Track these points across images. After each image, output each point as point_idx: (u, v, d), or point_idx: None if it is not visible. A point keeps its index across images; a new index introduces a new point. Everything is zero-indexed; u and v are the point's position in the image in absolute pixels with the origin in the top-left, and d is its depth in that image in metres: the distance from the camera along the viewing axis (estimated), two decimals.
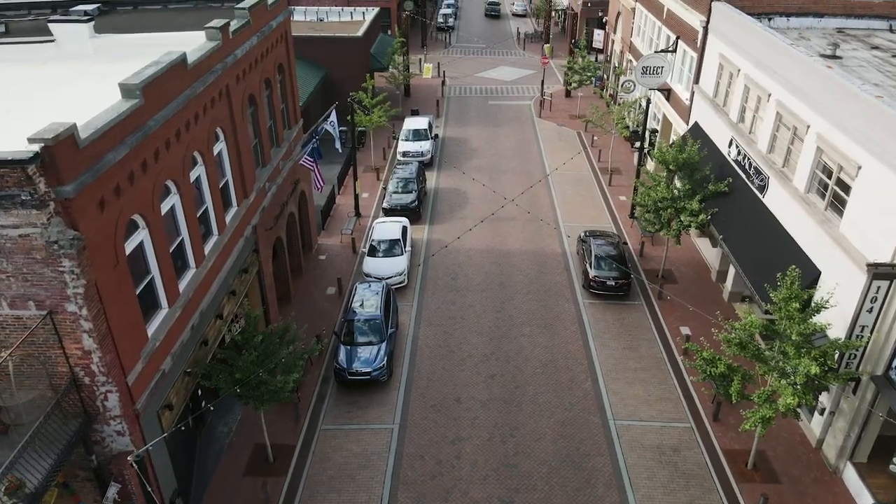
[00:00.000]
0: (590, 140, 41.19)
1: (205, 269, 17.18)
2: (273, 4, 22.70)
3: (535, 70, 56.23)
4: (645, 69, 31.84)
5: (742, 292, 25.10)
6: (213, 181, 17.82)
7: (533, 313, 25.11)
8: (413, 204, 31.58)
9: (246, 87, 20.22)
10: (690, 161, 24.32)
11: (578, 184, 35.64)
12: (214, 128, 17.90)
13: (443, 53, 61.96)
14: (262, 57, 21.76)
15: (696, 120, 29.08)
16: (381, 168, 37.54)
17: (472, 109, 47.26)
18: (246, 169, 20.26)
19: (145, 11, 24.39)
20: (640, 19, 39.19)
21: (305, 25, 46.95)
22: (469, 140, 41.77)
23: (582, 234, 28.53)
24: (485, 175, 36.66)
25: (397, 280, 26.29)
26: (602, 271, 25.50)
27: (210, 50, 17.16)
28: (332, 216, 32.54)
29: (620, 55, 44.55)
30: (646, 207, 25.29)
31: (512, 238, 30.26)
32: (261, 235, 21.68)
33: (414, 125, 38.82)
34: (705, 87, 28.25)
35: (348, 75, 41.70)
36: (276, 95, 23.41)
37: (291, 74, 25.28)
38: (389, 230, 28.03)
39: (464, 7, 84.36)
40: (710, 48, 27.74)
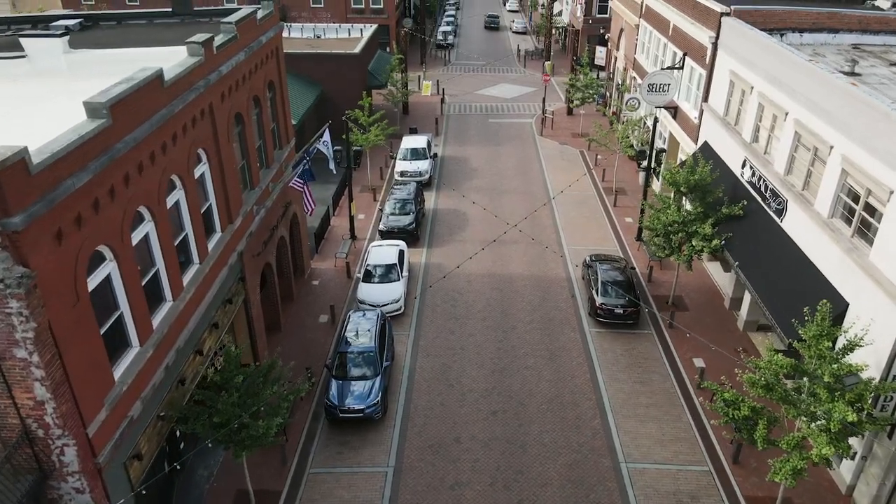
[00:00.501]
0: (593, 159, 40.04)
1: (183, 302, 15.83)
2: (263, 19, 21.60)
3: (535, 87, 55.30)
4: (651, 86, 30.75)
5: (758, 321, 23.74)
6: (193, 206, 16.53)
7: (537, 343, 23.72)
8: (410, 226, 30.30)
9: (232, 106, 19.02)
10: (702, 183, 23.09)
11: (582, 205, 34.40)
12: (196, 149, 16.65)
13: (442, 70, 61.10)
14: (251, 73, 20.59)
15: (706, 139, 27.90)
16: (377, 188, 36.33)
17: (472, 128, 46.19)
18: (232, 192, 19.00)
19: (129, 27, 23.30)
20: (645, 36, 38.22)
21: (302, 42, 46.08)
22: (469, 159, 40.62)
23: (587, 258, 27.23)
24: (485, 196, 35.43)
25: (393, 307, 24.93)
26: (609, 298, 24.16)
27: (191, 66, 15.97)
28: (326, 239, 31.25)
29: (623, 72, 43.57)
30: (655, 231, 24.02)
31: (514, 262, 28.94)
32: (247, 262, 20.36)
33: (412, 144, 37.68)
34: (715, 105, 27.10)
35: (345, 93, 40.69)
36: (265, 114, 22.23)
37: (283, 92, 24.13)
38: (385, 254, 26.72)
39: (463, 24, 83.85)
40: (720, 65, 26.62)
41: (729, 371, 20.79)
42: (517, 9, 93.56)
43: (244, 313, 20.90)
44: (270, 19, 22.41)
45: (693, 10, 29.42)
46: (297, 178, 21.48)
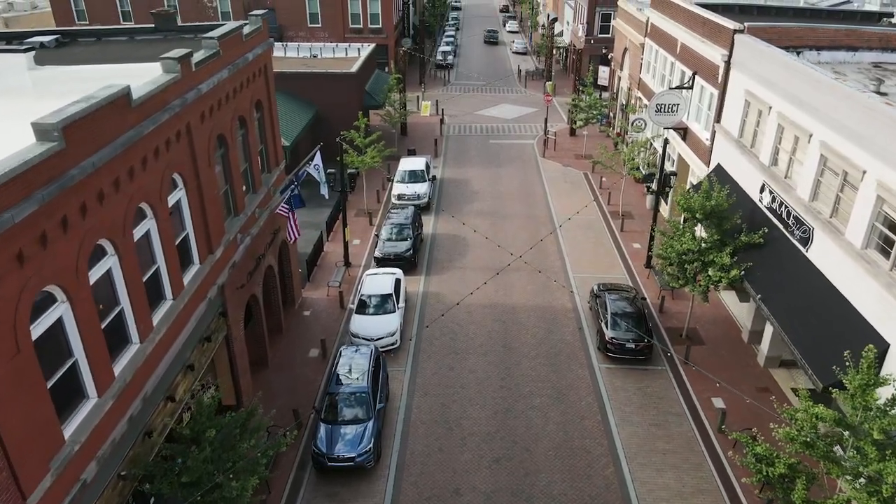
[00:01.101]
0: (598, 181, 38.63)
1: (152, 344, 14.23)
2: (250, 35, 20.26)
3: (537, 108, 54.14)
4: (659, 107, 29.42)
5: (780, 356, 22.11)
6: (167, 237, 15.00)
7: (543, 380, 22.05)
8: (408, 252, 28.75)
9: (214, 126, 17.58)
10: (718, 209, 21.59)
11: (588, 229, 32.90)
12: (170, 174, 15.17)
13: (441, 91, 60.03)
14: (236, 92, 19.20)
15: (719, 161, 26.49)
16: (374, 212, 34.85)
17: (473, 149, 44.88)
18: (212, 220, 17.48)
19: (109, 43, 21.98)
20: (650, 55, 37.03)
21: (297, 62, 44.97)
22: (469, 181, 39.22)
23: (595, 287, 25.65)
24: (486, 220, 33.95)
25: (388, 341, 23.29)
26: (620, 332, 22.54)
27: (165, 84, 14.54)
28: (318, 266, 29.69)
29: (628, 92, 42.36)
30: (668, 260, 22.47)
31: (517, 291, 27.35)
32: (229, 296, 18.77)
33: (410, 166, 36.29)
34: (729, 127, 25.72)
35: (341, 113, 39.42)
36: (252, 135, 20.79)
37: (272, 112, 22.73)
38: (381, 283, 25.14)
39: (463, 44, 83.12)
40: (734, 84, 25.29)
41: (752, 413, 19.13)
42: (517, 29, 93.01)
43: (226, 350, 19.27)
44: (258, 35, 21.08)
45: (703, 28, 28.19)
46: (284, 204, 19.97)
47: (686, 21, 30.49)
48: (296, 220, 20.78)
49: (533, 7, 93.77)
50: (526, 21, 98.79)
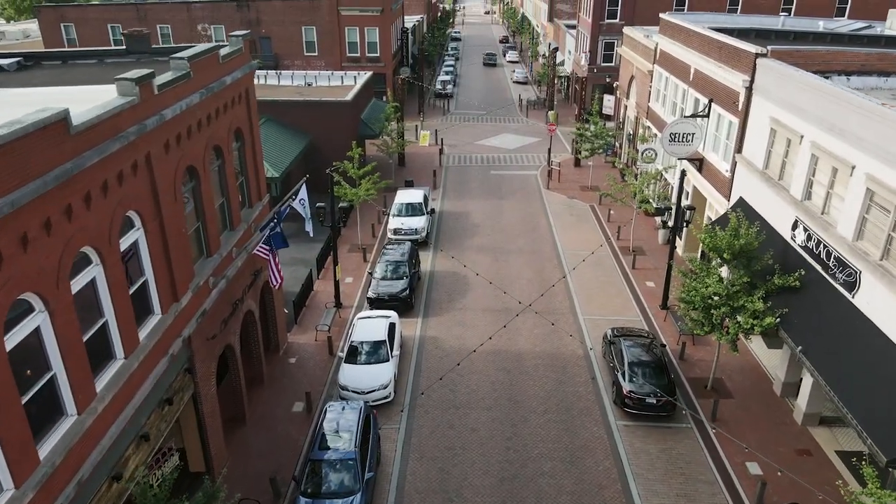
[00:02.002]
0: (605, 214, 36.58)
1: (93, 415, 11.92)
2: (228, 57, 18.34)
3: (539, 137, 52.45)
4: (673, 136, 27.61)
5: (820, 413, 19.73)
6: (118, 285, 12.80)
7: (553, 441, 19.62)
8: (404, 293, 26.50)
9: (182, 157, 15.51)
10: (748, 248, 19.43)
11: (597, 266, 30.69)
12: (124, 212, 13.03)
13: (441, 120, 58.46)
14: (210, 119, 17.18)
15: (741, 195, 24.43)
16: (368, 247, 32.70)
17: (473, 180, 42.94)
18: (178, 262, 15.30)
19: (75, 66, 20.06)
20: (660, 82, 35.30)
21: (292, 90, 43.33)
22: (470, 214, 37.15)
23: (608, 332, 23.37)
24: (488, 256, 31.78)
25: (381, 395, 20.92)
26: (639, 385, 20.19)
27: (117, 108, 12.49)
28: (307, 307, 27.40)
29: (635, 122, 40.59)
30: (692, 304, 20.23)
31: (523, 336, 25.03)
32: (198, 349, 16.47)
33: (407, 198, 34.25)
34: (752, 157, 23.73)
35: (335, 143, 37.52)
36: (229, 166, 18.73)
37: (254, 141, 20.72)
38: (373, 328, 22.83)
39: (463, 74, 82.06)
40: (757, 112, 23.37)
41: (796, 484, 16.68)
42: (517, 59, 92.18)
43: (193, 410, 16.90)
44: (239, 58, 19.17)
45: (720, 53, 26.40)
46: (263, 244, 17.80)
47: (700, 46, 28.75)
48: (277, 263, 18.54)
49: (533, 37, 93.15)
50: (526, 51, 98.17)
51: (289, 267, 30.63)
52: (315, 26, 56.38)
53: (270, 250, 17.97)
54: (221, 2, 57.98)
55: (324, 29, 56.32)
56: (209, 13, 56.65)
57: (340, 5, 55.46)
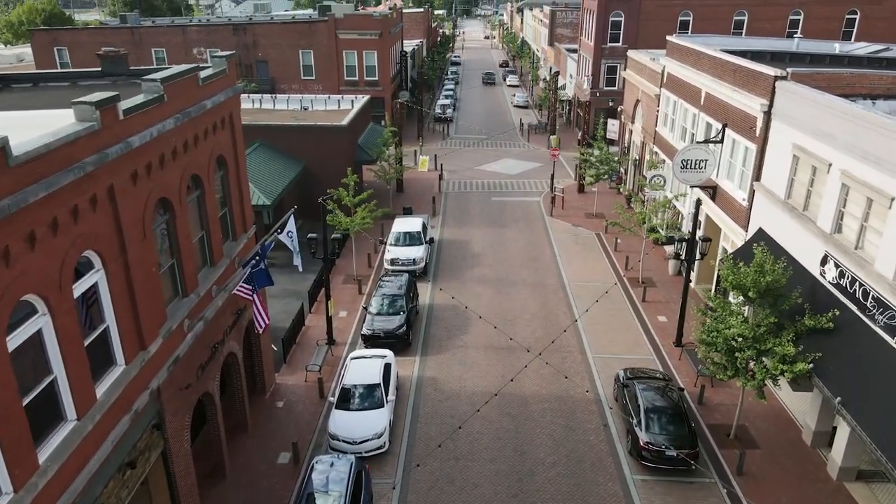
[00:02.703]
0: (612, 243, 35.04)
1: (33, 492, 10.20)
2: (210, 79, 16.93)
3: (541, 162, 51.18)
4: (685, 163, 26.15)
5: (857, 466, 17.94)
6: (69, 337, 11.17)
7: (564, 498, 17.80)
8: (401, 329, 24.81)
9: (154, 189, 13.99)
10: (775, 286, 17.82)
11: (605, 299, 29.01)
12: (79, 252, 11.45)
13: (440, 145, 57.26)
14: (188, 146, 15.70)
15: (760, 225, 22.91)
16: (364, 278, 31.08)
17: (474, 207, 41.46)
18: (146, 306, 13.68)
19: (46, 89, 18.64)
20: (668, 106, 34.02)
21: (287, 114, 42.09)
22: (470, 243, 35.60)
23: (621, 373, 21.67)
24: (490, 288, 30.16)
25: (374, 445, 19.14)
26: (656, 434, 18.45)
27: (72, 135, 10.98)
28: (297, 344, 25.69)
29: (642, 147, 39.26)
30: (714, 346, 18.56)
31: (528, 377, 23.29)
32: (169, 401, 14.77)
33: (405, 227, 32.73)
34: (772, 186, 22.25)
35: (331, 169, 36.16)
36: (210, 197, 17.21)
37: (239, 169, 19.24)
38: (367, 370, 21.12)
39: (463, 98, 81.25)
40: (777, 138, 21.96)
41: None
42: (517, 83, 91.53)
43: (163, 469, 15.13)
44: (222, 80, 17.77)
45: (734, 76, 25.07)
46: (244, 283, 16.18)
47: (712, 69, 27.46)
48: (262, 304, 16.90)
49: (533, 62, 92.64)
50: (526, 75, 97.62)
51: (280, 300, 29.04)
52: (313, 50, 55.47)
53: (253, 290, 16.33)
54: (218, 25, 57.22)
55: (321, 52, 55.40)
56: (205, 37, 55.78)
57: (339, 29, 54.61)
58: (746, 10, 53.11)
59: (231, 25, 56.43)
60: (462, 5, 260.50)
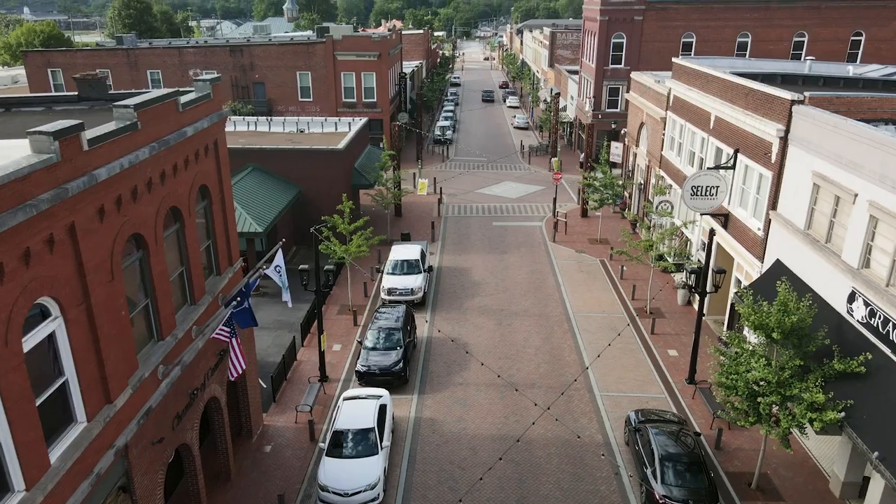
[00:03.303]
0: (617, 270, 33.76)
1: None
2: (191, 104, 15.77)
3: (543, 186, 50.11)
4: (695, 190, 24.99)
5: None
6: (17, 395, 9.85)
7: None
8: (397, 366, 23.42)
9: (124, 225, 12.74)
10: (801, 325, 16.50)
11: (612, 332, 27.69)
12: (32, 299, 10.17)
13: (440, 168, 56.26)
14: (165, 177, 14.49)
15: (778, 257, 21.66)
16: (360, 308, 29.73)
17: (474, 232, 40.24)
18: (112, 355, 12.37)
19: (18, 114, 17.47)
20: (674, 130, 32.95)
21: (282, 137, 41.05)
22: (471, 271, 34.32)
23: (632, 416, 20.24)
24: (492, 319, 28.81)
25: (368, 497, 17.66)
26: (674, 487, 16.99)
27: (23, 170, 9.76)
28: (288, 380, 24.28)
29: (647, 171, 38.15)
30: (735, 390, 17.20)
31: (532, 418, 21.85)
32: (138, 459, 13.37)
33: (402, 254, 31.46)
34: (790, 215, 21.03)
35: (327, 193, 35.08)
36: (190, 230, 15.96)
37: (224, 199, 18.02)
38: (360, 413, 19.70)
39: (463, 119, 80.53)
40: (795, 164, 20.80)
41: None
42: (517, 105, 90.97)
43: None
44: (205, 105, 16.61)
45: (747, 100, 24.00)
46: (224, 325, 14.86)
47: (722, 92, 26.42)
48: (240, 349, 15.51)
49: (533, 83, 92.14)
50: (526, 97, 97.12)
51: (271, 332, 27.72)
52: (310, 71, 54.68)
53: (231, 333, 14.99)
54: (214, 47, 56.49)
55: (319, 74, 54.61)
56: (201, 58, 55.02)
57: (337, 50, 53.88)
58: (750, 31, 52.45)
59: (228, 47, 55.69)
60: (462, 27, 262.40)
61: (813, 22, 52.12)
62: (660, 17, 52.26)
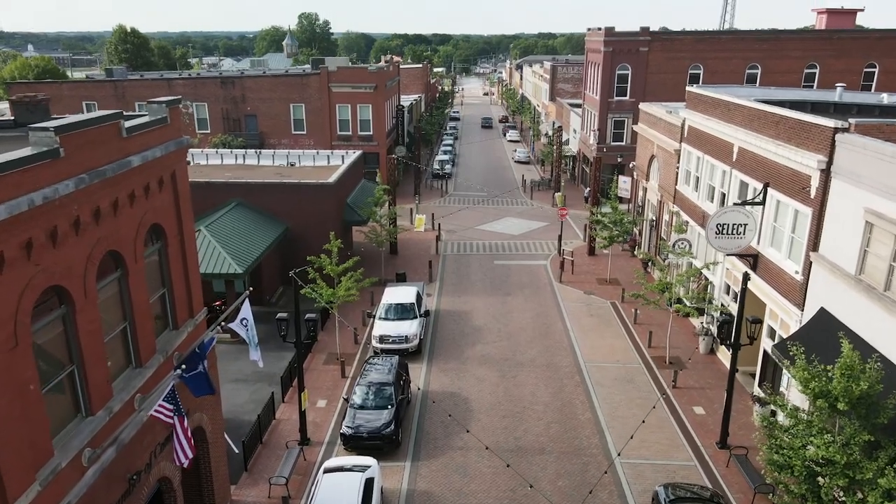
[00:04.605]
0: (630, 314, 31.03)
1: None
2: (138, 129, 13.29)
3: (546, 222, 47.69)
4: (721, 228, 22.49)
5: None
6: None
7: None
8: (388, 429, 20.52)
9: (36, 276, 10.11)
10: (871, 393, 13.74)
11: (628, 384, 24.87)
12: None
13: (438, 202, 53.96)
14: (101, 215, 11.91)
15: (822, 305, 18.97)
16: (349, 357, 26.90)
17: (475, 272, 37.59)
18: (12, 443, 9.60)
19: None
20: (690, 163, 30.60)
21: (271, 171, 38.72)
22: (471, 314, 31.57)
23: (661, 492, 17.29)
24: (494, 371, 25.97)
25: None
26: None
27: None
28: (264, 443, 21.34)
29: (659, 206, 35.72)
30: (790, 470, 14.34)
31: (545, 484, 18.85)
32: None
33: (396, 298, 28.75)
34: (836, 257, 18.43)
35: (316, 231, 32.45)
36: (136, 279, 13.30)
37: (184, 240, 15.42)
38: (341, 493, 16.73)
39: (462, 153, 78.67)
40: (840, 200, 18.28)
41: None
42: (518, 139, 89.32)
43: None
44: (160, 130, 14.15)
45: (777, 129, 21.64)
46: (165, 400, 12.04)
47: (747, 121, 24.10)
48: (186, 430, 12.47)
49: (534, 117, 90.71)
50: (526, 131, 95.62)
51: (249, 385, 24.88)
52: (304, 104, 52.80)
53: (175, 410, 12.16)
54: (205, 79, 54.74)
55: (313, 106, 52.70)
56: (191, 90, 53.19)
57: (332, 82, 52.06)
58: (759, 63, 50.77)
59: (219, 79, 53.91)
60: (461, 64, 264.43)
61: (824, 53, 50.46)
62: (666, 47, 50.64)
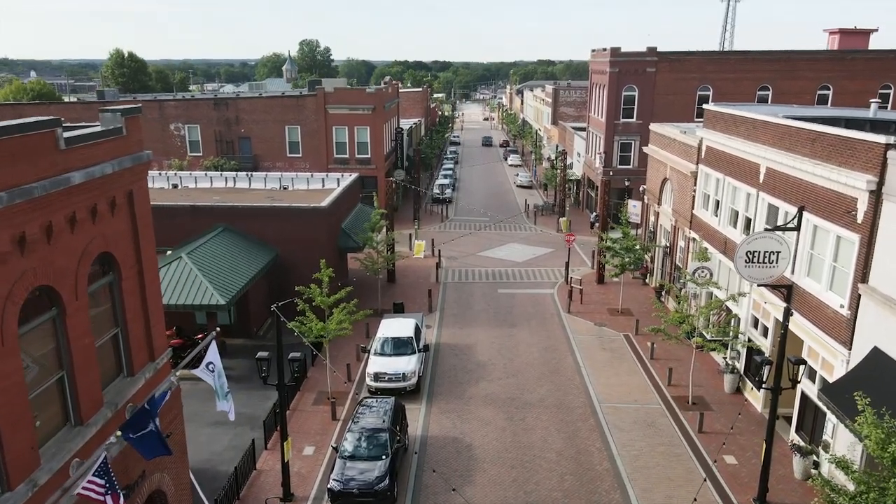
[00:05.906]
0: (646, 348, 28.70)
1: None
2: (82, 140, 11.21)
3: (551, 248, 45.56)
4: (750, 255, 20.17)
5: None
6: None
7: None
8: (382, 484, 18.08)
9: None
10: None
11: (649, 428, 22.48)
12: None
13: (439, 227, 51.90)
14: (28, 244, 9.75)
15: (875, 344, 16.71)
16: (341, 397, 24.51)
17: (477, 301, 35.33)
18: None
19: None
20: (708, 185, 28.57)
21: (262, 194, 36.69)
22: (474, 348, 29.24)
23: None
24: (500, 413, 23.58)
25: None
26: None
27: None
28: (241, 499, 18.87)
29: (673, 232, 33.61)
30: None
31: None
32: None
33: (392, 331, 26.45)
34: (890, 290, 16.22)
35: (307, 257, 30.24)
36: (75, 319, 11.09)
37: (143, 271, 13.23)
38: None
39: (463, 177, 76.89)
40: (893, 224, 16.14)
41: None
42: (519, 163, 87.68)
43: None
44: (111, 143, 12.06)
45: (814, 147, 19.61)
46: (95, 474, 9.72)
47: (776, 140, 22.10)
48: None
49: (535, 141, 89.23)
50: (528, 155, 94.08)
51: (230, 429, 22.49)
52: (300, 125, 51.08)
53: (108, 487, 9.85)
54: (198, 100, 53.11)
55: (309, 128, 50.96)
56: (183, 112, 51.52)
57: (328, 103, 50.40)
58: (770, 84, 49.11)
59: (212, 100, 52.27)
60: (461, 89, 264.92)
61: (838, 74, 48.85)
62: (674, 68, 49.02)
